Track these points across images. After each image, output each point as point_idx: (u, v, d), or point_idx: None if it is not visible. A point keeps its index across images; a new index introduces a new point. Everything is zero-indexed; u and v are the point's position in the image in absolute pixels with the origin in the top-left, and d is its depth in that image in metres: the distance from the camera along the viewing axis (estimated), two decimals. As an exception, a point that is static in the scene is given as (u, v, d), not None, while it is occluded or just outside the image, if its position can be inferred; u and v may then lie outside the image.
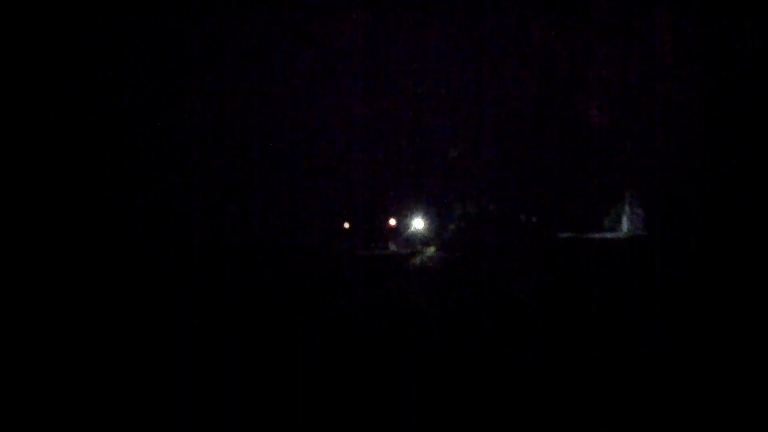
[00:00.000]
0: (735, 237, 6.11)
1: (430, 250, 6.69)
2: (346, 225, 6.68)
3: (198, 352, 5.34)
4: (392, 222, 6.74)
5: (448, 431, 4.34)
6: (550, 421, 4.36)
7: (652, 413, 4.40)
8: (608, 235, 6.71)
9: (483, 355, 5.26)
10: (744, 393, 4.54)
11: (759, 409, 4.37)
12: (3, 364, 5.16)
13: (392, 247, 6.72)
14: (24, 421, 4.44)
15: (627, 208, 6.76)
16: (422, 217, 6.74)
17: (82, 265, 6.11)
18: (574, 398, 4.56)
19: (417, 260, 6.62)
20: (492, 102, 6.79)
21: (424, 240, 6.74)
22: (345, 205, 6.72)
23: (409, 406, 4.54)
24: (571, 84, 6.76)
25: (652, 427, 4.30)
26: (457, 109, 6.85)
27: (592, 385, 4.74)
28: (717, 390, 4.58)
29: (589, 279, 6.28)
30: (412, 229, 6.71)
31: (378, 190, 6.78)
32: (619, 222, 6.78)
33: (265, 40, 6.72)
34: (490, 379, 4.84)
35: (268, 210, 6.68)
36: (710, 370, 4.84)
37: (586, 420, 4.35)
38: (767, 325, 5.44)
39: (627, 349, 5.31)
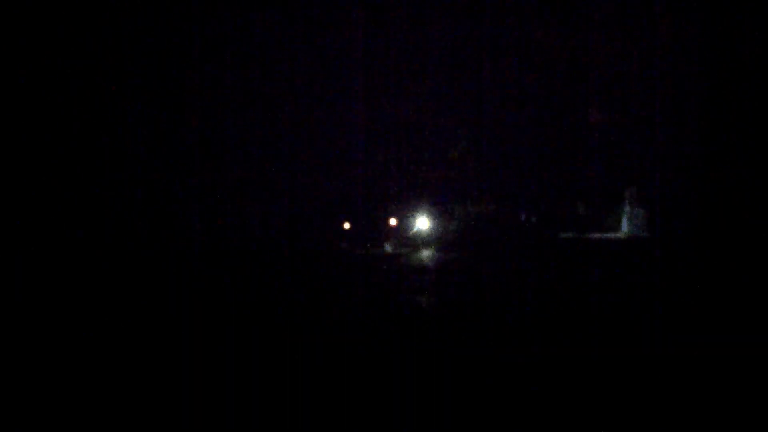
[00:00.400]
0: (735, 237, 6.12)
1: (430, 250, 6.69)
2: (347, 225, 6.68)
3: (198, 352, 5.34)
4: (393, 222, 6.74)
5: (448, 431, 4.34)
6: (550, 421, 4.36)
7: (652, 413, 4.40)
8: (608, 235, 6.71)
9: (483, 355, 5.26)
10: (744, 393, 4.54)
11: (759, 409, 4.37)
12: (3, 364, 5.16)
13: (388, 247, 6.71)
14: (24, 421, 4.44)
15: (627, 208, 6.76)
16: (423, 217, 6.74)
17: (82, 265, 6.11)
18: (574, 398, 4.57)
19: (417, 260, 6.62)
20: (492, 102, 6.79)
21: (424, 240, 6.74)
22: (345, 206, 6.72)
23: (409, 406, 4.54)
24: (571, 84, 6.76)
25: (652, 427, 4.30)
26: (457, 109, 6.85)
27: (592, 385, 4.74)
28: (717, 390, 4.58)
29: (589, 279, 6.28)
30: (413, 229, 6.71)
31: (378, 190, 6.78)
32: (619, 222, 6.78)
33: (265, 40, 6.72)
34: (490, 379, 4.84)
35: (268, 210, 6.68)
36: (710, 370, 4.83)
37: (585, 420, 4.35)
38: (767, 325, 5.44)
39: (627, 349, 5.31)
